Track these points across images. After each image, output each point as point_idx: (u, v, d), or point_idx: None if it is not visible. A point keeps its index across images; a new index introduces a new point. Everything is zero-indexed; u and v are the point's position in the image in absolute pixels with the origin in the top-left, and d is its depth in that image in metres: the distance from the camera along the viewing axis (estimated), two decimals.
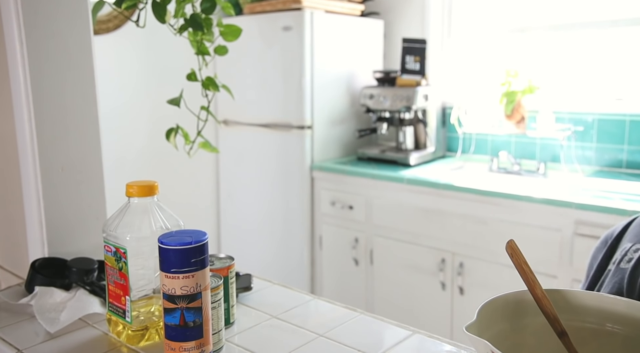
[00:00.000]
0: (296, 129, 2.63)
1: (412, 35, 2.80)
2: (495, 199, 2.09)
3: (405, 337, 0.86)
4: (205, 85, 1.37)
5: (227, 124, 2.93)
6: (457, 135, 2.75)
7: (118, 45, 2.52)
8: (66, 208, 1.09)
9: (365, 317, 0.93)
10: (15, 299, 0.96)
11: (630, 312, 0.70)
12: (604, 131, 2.42)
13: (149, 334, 0.83)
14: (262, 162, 2.82)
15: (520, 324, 0.72)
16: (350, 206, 2.53)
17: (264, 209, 2.84)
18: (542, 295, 0.69)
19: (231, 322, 0.88)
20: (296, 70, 2.58)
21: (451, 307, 2.27)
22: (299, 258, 2.71)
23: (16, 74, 1.03)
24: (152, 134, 2.60)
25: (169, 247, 0.70)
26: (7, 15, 1.02)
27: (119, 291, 0.82)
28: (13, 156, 1.10)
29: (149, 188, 0.82)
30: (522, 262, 0.69)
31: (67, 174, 1.08)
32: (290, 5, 2.55)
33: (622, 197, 1.96)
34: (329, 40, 2.64)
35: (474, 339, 0.60)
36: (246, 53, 2.72)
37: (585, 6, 2.45)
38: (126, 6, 1.16)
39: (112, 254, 0.81)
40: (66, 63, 1.06)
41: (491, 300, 0.70)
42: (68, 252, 1.07)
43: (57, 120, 1.06)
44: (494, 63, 2.70)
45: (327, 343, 0.83)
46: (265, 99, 2.75)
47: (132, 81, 2.64)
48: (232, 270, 0.87)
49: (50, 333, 0.85)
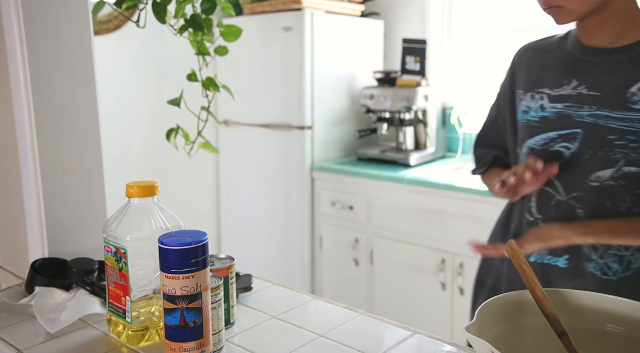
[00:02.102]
0: (296, 129, 2.63)
1: (412, 35, 2.80)
2: (495, 199, 2.08)
3: (405, 337, 0.86)
4: (205, 86, 1.37)
5: (227, 124, 2.93)
6: (457, 136, 2.75)
7: (118, 45, 2.52)
8: (66, 208, 1.09)
9: (366, 317, 0.93)
10: (16, 299, 0.96)
11: (631, 312, 0.70)
12: None
13: (149, 334, 0.83)
14: (262, 162, 2.82)
15: (520, 324, 0.72)
16: (351, 206, 2.53)
17: (264, 209, 2.84)
18: (542, 295, 0.69)
19: (231, 322, 0.88)
20: (296, 70, 2.58)
21: (451, 308, 2.27)
22: (299, 259, 2.71)
23: (16, 74, 1.03)
24: (153, 134, 2.60)
25: (169, 247, 0.70)
26: (8, 15, 1.02)
27: (119, 291, 0.82)
28: (13, 156, 1.10)
29: (149, 188, 0.82)
30: (522, 262, 0.69)
31: (67, 174, 1.08)
32: (291, 6, 2.55)
33: None
34: (329, 40, 2.64)
35: (473, 339, 0.60)
36: (246, 53, 2.72)
37: None
38: (126, 6, 1.16)
39: (112, 254, 0.81)
40: (66, 63, 1.06)
41: (491, 301, 0.70)
42: (68, 252, 1.07)
43: (58, 120, 1.06)
44: (494, 63, 2.70)
45: (327, 344, 0.83)
46: (265, 99, 2.75)
47: (133, 81, 2.64)
48: (232, 271, 0.87)
49: (51, 334, 0.85)
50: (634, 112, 0.96)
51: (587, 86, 1.01)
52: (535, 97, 1.06)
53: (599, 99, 0.99)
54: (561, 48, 1.09)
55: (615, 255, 1.01)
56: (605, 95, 0.99)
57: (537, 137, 1.05)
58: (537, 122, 1.05)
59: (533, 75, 1.10)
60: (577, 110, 1.01)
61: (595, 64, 1.01)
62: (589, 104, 1.00)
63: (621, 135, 0.97)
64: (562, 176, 1.03)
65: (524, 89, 1.10)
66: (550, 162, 1.01)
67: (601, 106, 0.98)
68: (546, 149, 1.04)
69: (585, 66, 1.02)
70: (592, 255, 1.02)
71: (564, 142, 1.02)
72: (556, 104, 1.03)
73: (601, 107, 0.98)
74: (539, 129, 1.05)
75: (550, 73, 1.06)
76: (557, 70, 1.06)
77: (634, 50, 0.98)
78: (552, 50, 1.10)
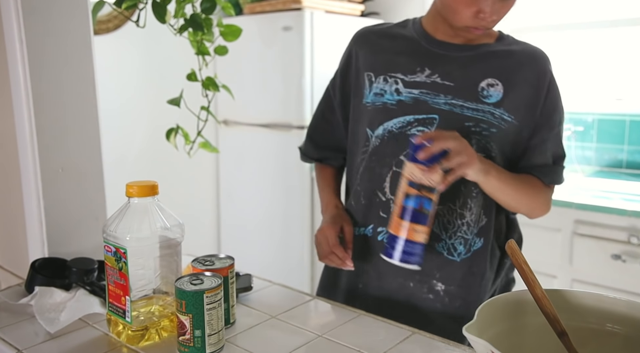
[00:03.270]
0: (296, 129, 2.63)
1: None
2: None
3: (405, 337, 0.86)
4: (205, 85, 1.37)
5: (227, 124, 2.93)
6: None
7: (118, 45, 2.52)
8: (66, 208, 1.09)
9: (365, 317, 0.93)
10: (15, 299, 0.96)
11: (630, 312, 0.70)
12: (604, 131, 2.42)
13: (149, 334, 0.83)
14: (262, 162, 2.82)
15: (520, 324, 0.72)
16: None
17: (264, 209, 2.83)
18: (542, 295, 0.69)
19: (231, 322, 0.88)
20: (296, 70, 2.58)
21: None
22: (299, 259, 2.71)
23: (16, 74, 1.03)
24: (152, 134, 2.59)
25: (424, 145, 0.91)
26: (7, 15, 1.02)
27: (119, 291, 0.82)
28: (13, 156, 1.10)
29: (149, 188, 0.82)
30: (522, 262, 0.70)
31: (67, 174, 1.08)
32: (290, 6, 2.55)
33: (622, 197, 1.97)
34: (329, 40, 2.64)
35: (473, 339, 0.60)
36: (246, 53, 2.71)
37: (585, 6, 2.45)
38: (126, 6, 1.16)
39: (112, 254, 0.81)
40: (66, 63, 1.06)
41: (491, 300, 0.70)
42: (68, 252, 1.07)
43: (57, 120, 1.06)
44: None
45: (327, 344, 0.83)
46: (265, 99, 2.75)
47: (132, 81, 2.64)
48: (232, 270, 0.87)
49: (50, 334, 0.85)
50: (485, 105, 1.04)
51: (440, 76, 1.06)
52: (389, 81, 1.09)
53: (453, 89, 1.05)
54: (404, 36, 1.13)
55: (462, 238, 1.06)
56: (458, 86, 1.05)
57: (395, 120, 1.07)
58: (393, 105, 1.07)
59: (380, 59, 1.12)
60: (434, 97, 1.05)
61: (445, 56, 1.07)
62: (444, 92, 1.05)
63: (476, 123, 1.03)
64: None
65: (374, 72, 1.11)
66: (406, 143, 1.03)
67: (456, 96, 1.04)
68: (403, 132, 1.06)
69: (436, 57, 1.08)
70: (442, 235, 1.06)
71: (420, 126, 1.05)
72: (412, 90, 1.06)
73: (456, 96, 1.04)
74: (396, 112, 1.07)
75: (400, 58, 1.09)
76: (407, 57, 1.09)
77: (480, 50, 1.07)
78: (396, 37, 1.13)
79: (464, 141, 0.95)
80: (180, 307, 0.75)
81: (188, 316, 0.75)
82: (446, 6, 1.02)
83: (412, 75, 1.07)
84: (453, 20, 1.02)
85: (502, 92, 1.04)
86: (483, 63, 1.06)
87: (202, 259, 0.87)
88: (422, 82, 1.06)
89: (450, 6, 1.01)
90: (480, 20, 0.99)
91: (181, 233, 0.85)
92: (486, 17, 0.98)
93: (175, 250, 0.85)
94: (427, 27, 1.11)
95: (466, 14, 0.99)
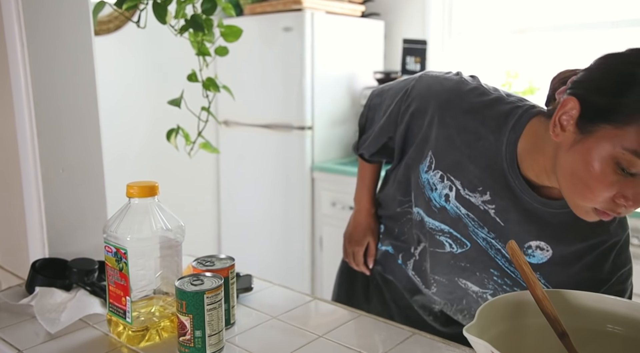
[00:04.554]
0: (297, 129, 2.63)
1: (412, 36, 2.80)
2: None
3: (405, 337, 0.86)
4: (205, 86, 1.37)
5: (227, 125, 2.93)
6: None
7: (119, 46, 2.52)
8: (67, 208, 1.09)
9: (366, 317, 0.93)
10: (16, 300, 0.96)
11: (631, 313, 0.70)
12: None
13: (149, 335, 0.83)
14: (262, 162, 2.82)
15: (520, 325, 0.72)
16: (351, 207, 2.52)
17: (264, 210, 2.83)
18: (543, 296, 0.69)
19: (231, 322, 0.88)
20: (297, 70, 2.58)
21: None
22: (299, 259, 2.71)
23: (17, 75, 1.03)
24: (153, 135, 2.60)
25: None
26: (8, 16, 1.02)
27: (119, 292, 0.82)
28: (14, 157, 1.10)
29: (149, 189, 0.82)
30: (522, 263, 0.69)
31: (68, 175, 1.08)
32: (291, 6, 2.55)
33: None
34: (329, 41, 2.64)
35: (474, 340, 0.60)
36: (247, 54, 2.72)
37: (586, 7, 2.45)
38: (127, 7, 1.17)
39: (113, 255, 0.81)
40: (67, 64, 1.07)
41: (491, 301, 0.70)
42: (68, 253, 1.07)
43: (58, 120, 1.06)
44: (494, 64, 2.70)
45: (327, 344, 0.83)
46: (265, 100, 2.75)
47: (133, 82, 2.64)
48: (232, 271, 0.87)
49: (51, 334, 0.85)
50: None
51: (495, 209, 0.91)
52: (445, 182, 0.95)
53: (500, 229, 0.92)
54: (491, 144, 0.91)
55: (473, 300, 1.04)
56: (507, 231, 0.91)
57: (432, 219, 0.99)
58: (436, 208, 0.98)
59: (451, 155, 0.94)
60: (476, 227, 0.94)
61: (513, 195, 0.90)
62: (489, 228, 0.93)
63: (501, 274, 0.95)
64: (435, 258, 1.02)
65: (436, 162, 0.96)
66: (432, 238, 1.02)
67: (498, 237, 0.93)
68: (434, 231, 1.00)
69: (506, 189, 0.90)
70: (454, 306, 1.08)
71: (451, 240, 0.97)
72: (461, 206, 0.94)
73: (498, 238, 0.93)
74: (435, 215, 0.98)
75: (470, 166, 0.92)
76: (477, 169, 0.92)
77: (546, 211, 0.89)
78: (481, 136, 0.92)
79: None
80: (181, 308, 0.75)
81: (188, 316, 0.75)
82: (576, 177, 0.77)
83: (470, 192, 0.93)
84: (579, 196, 0.78)
85: (547, 257, 0.91)
86: (535, 224, 0.90)
87: (202, 260, 0.87)
88: (475, 206, 0.93)
89: (583, 180, 0.76)
90: (617, 206, 0.76)
91: (182, 234, 0.85)
92: (626, 204, 0.75)
93: (175, 250, 0.85)
94: (520, 154, 0.88)
95: (602, 196, 0.76)
